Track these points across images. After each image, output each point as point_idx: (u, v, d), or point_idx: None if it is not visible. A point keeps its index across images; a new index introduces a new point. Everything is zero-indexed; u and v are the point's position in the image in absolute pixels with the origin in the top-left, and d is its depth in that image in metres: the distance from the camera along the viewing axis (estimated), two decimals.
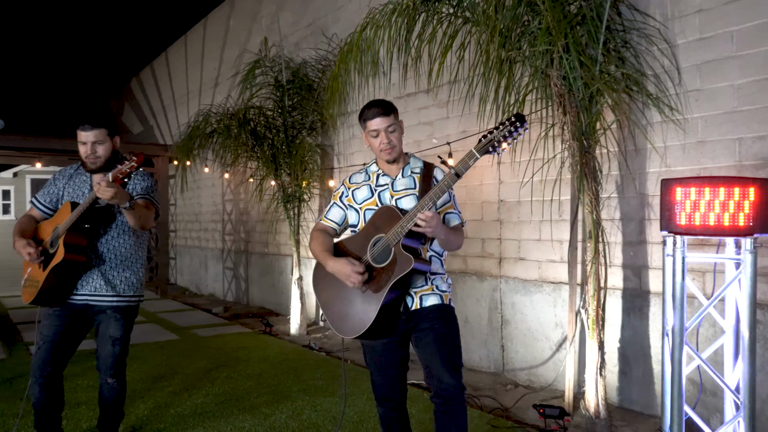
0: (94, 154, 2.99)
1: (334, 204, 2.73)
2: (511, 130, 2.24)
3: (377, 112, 2.54)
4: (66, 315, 3.02)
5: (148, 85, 14.62)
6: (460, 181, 5.34)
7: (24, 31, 14.07)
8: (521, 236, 4.87)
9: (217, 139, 6.85)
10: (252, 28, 9.32)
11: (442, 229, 2.37)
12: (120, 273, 3.10)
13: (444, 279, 2.61)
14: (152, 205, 3.10)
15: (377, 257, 2.42)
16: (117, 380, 3.13)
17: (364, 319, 2.40)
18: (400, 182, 2.59)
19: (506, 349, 4.99)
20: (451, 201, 2.63)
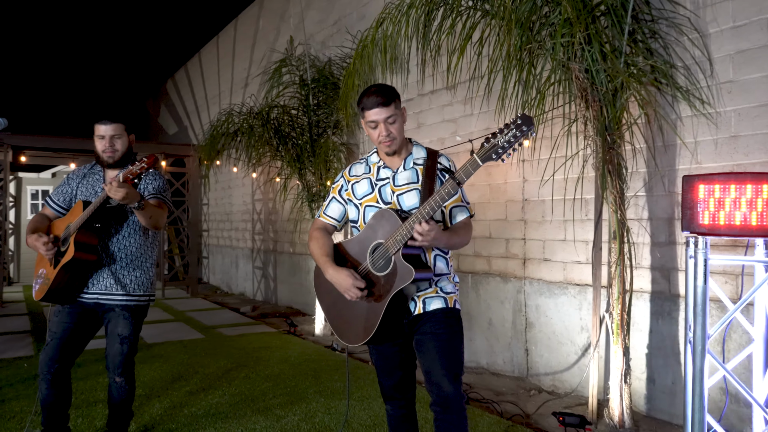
0: (113, 147, 3.05)
1: (333, 198, 2.61)
2: (516, 134, 2.03)
3: (376, 101, 2.36)
4: (76, 312, 3.04)
5: (182, 86, 14.82)
6: (484, 179, 5.26)
7: (63, 35, 14.44)
8: (546, 236, 4.70)
9: (240, 138, 6.84)
10: (280, 28, 9.32)
11: (442, 238, 2.24)
12: (130, 272, 3.11)
13: (450, 279, 2.48)
14: (164, 204, 3.12)
15: (377, 265, 2.32)
16: (125, 379, 3.13)
17: (366, 327, 2.31)
18: (401, 175, 2.45)
19: (530, 353, 4.83)
20: (459, 192, 2.43)
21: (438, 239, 2.21)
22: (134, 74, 16.56)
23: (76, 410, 3.95)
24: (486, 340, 5.23)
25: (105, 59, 15.76)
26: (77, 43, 14.89)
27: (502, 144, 2.05)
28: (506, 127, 2.05)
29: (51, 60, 14.93)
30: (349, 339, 2.38)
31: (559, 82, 3.67)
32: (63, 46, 14.75)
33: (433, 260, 2.42)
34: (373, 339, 2.31)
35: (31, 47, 14.46)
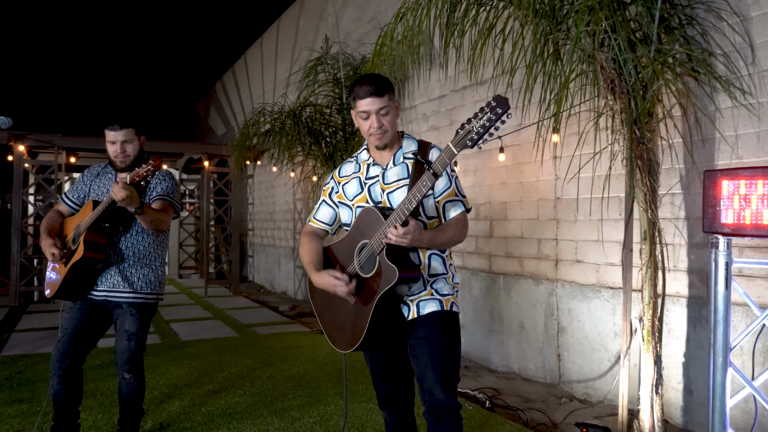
0: (124, 152, 3.08)
1: (323, 202, 2.51)
2: (491, 118, 1.87)
3: (369, 90, 2.22)
4: (86, 309, 3.09)
5: (229, 88, 15.08)
6: (516, 177, 5.07)
7: (117, 39, 14.92)
8: (578, 236, 4.48)
9: (274, 137, 6.85)
10: (319, 27, 9.32)
11: (423, 238, 2.09)
12: (138, 270, 3.14)
13: (448, 280, 2.33)
14: (170, 206, 3.13)
15: (364, 266, 2.20)
16: (133, 375, 3.15)
17: (355, 332, 2.20)
18: (391, 172, 2.32)
19: (562, 359, 4.61)
20: (452, 185, 2.30)
21: (418, 240, 2.06)
22: (185, 76, 16.96)
23: (94, 409, 4.00)
24: (518, 344, 5.04)
25: (157, 61, 16.21)
26: (130, 47, 15.37)
27: (476, 130, 1.90)
28: (480, 111, 1.90)
29: (105, 63, 15.47)
30: (341, 345, 2.28)
31: (584, 73, 3.47)
32: (117, 50, 15.25)
33: (427, 260, 2.29)
34: (363, 344, 2.19)
35: (86, 52, 15.02)
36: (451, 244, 2.26)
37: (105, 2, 13.30)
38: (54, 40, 14.18)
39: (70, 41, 14.43)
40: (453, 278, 2.37)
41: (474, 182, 5.58)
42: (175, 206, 3.18)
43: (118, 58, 15.67)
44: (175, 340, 6.32)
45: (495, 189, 5.33)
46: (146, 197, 3.13)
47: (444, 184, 2.30)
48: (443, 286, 2.31)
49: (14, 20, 13.27)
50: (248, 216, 13.17)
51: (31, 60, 14.44)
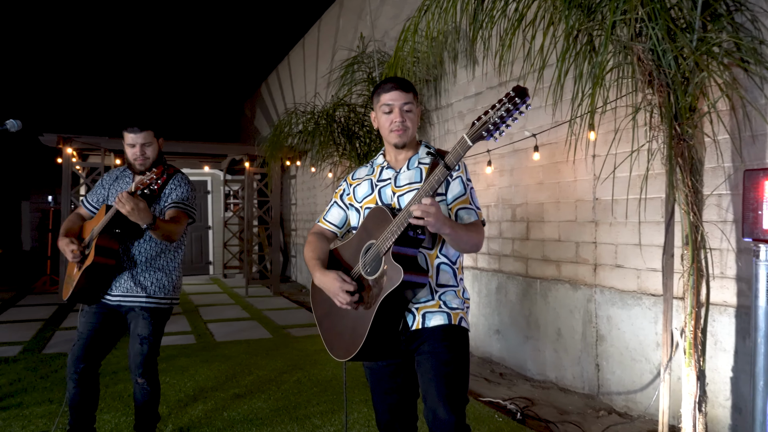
0: (144, 155, 3.05)
1: (334, 203, 2.42)
2: (509, 108, 1.76)
3: (393, 86, 2.19)
4: (101, 313, 3.07)
5: (273, 89, 15.19)
6: (553, 177, 4.84)
7: (165, 44, 15.25)
8: (618, 240, 4.22)
9: (306, 138, 6.79)
10: (357, 25, 9.23)
11: (445, 223, 1.93)
12: (151, 275, 3.11)
13: (458, 293, 2.18)
14: (185, 214, 3.08)
15: (369, 267, 2.08)
16: (147, 380, 3.11)
17: (355, 338, 2.06)
18: (404, 175, 2.22)
19: (601, 369, 4.36)
20: (467, 194, 2.17)
21: (442, 220, 1.91)
22: (233, 78, 17.20)
23: (118, 411, 4.00)
24: (555, 352, 4.80)
25: (204, 63, 16.49)
26: (178, 50, 15.69)
27: (493, 121, 1.78)
28: (499, 102, 1.78)
29: (153, 67, 15.84)
30: (338, 353, 2.15)
31: (620, 66, 3.24)
32: (165, 54, 15.59)
33: (435, 269, 2.14)
34: (361, 354, 2.04)
35: (135, 56, 15.41)
36: (469, 244, 2.08)
37: (153, 7, 13.60)
38: (103, 45, 14.62)
39: (119, 46, 14.84)
40: (464, 293, 2.22)
41: (510, 182, 5.37)
42: (190, 213, 3.14)
43: (166, 62, 16.02)
44: (210, 340, 6.33)
45: (532, 189, 5.10)
46: (161, 203, 3.09)
47: (459, 189, 2.17)
48: (452, 299, 2.16)
49: (64, 26, 13.75)
50: (291, 216, 13.22)
51: (81, 64, 14.93)
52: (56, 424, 3.57)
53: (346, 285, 2.07)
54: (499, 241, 5.57)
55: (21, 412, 3.92)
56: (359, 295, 2.08)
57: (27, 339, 6.28)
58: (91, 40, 14.37)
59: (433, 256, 2.15)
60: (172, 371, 4.98)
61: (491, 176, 5.60)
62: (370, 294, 2.04)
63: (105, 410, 3.96)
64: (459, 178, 2.18)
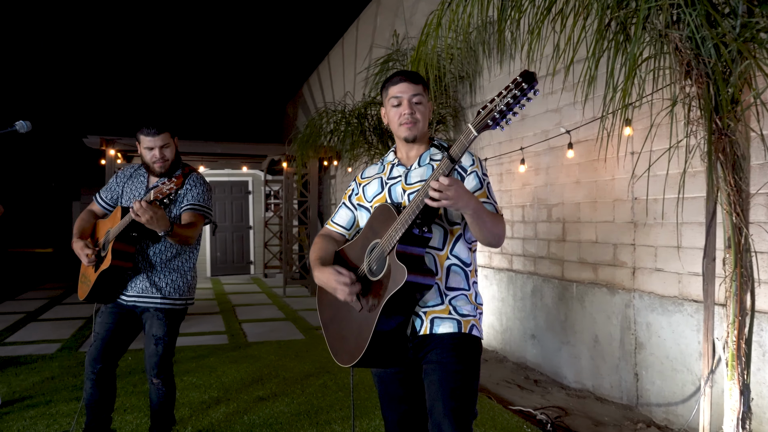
0: (163, 158, 3.01)
1: (342, 205, 2.32)
2: (516, 94, 1.64)
3: (402, 78, 2.10)
4: (117, 313, 3.06)
5: (314, 89, 15.22)
6: (590, 175, 4.62)
7: (211, 49, 15.50)
8: (658, 242, 3.97)
9: (338, 137, 6.71)
10: (394, 23, 9.12)
11: (469, 200, 1.79)
12: (166, 276, 3.08)
13: (470, 298, 2.05)
14: (201, 216, 3.04)
15: (374, 268, 1.96)
16: (162, 381, 3.08)
17: (359, 342, 1.94)
18: (415, 172, 2.10)
19: (640, 379, 4.12)
20: (483, 188, 2.04)
21: (463, 198, 1.77)
22: (275, 78, 17.35)
23: (141, 411, 3.99)
24: (592, 360, 4.58)
25: (247, 65, 16.69)
26: (222, 53, 15.92)
27: (499, 108, 1.67)
28: (505, 88, 1.67)
29: (197, 69, 16.11)
30: (342, 358, 2.04)
31: (657, 56, 3.02)
32: (210, 56, 15.84)
33: (445, 270, 2.01)
34: (366, 359, 1.92)
35: (178, 59, 15.71)
36: (491, 234, 1.92)
37: (194, 10, 13.83)
38: (148, 49, 14.96)
39: (164, 50, 15.16)
40: (476, 297, 2.08)
41: (546, 181, 5.16)
42: (206, 215, 3.09)
43: (211, 65, 16.29)
44: (242, 341, 6.32)
45: (568, 188, 4.88)
46: (177, 205, 3.05)
47: (474, 184, 2.04)
48: (463, 304, 2.02)
49: (112, 30, 14.12)
50: None
51: (126, 68, 15.30)
52: (74, 423, 3.57)
53: (342, 277, 1.95)
54: (535, 242, 5.36)
55: (48, 411, 3.96)
56: (364, 298, 1.97)
57: (66, 337, 6.41)
58: (137, 44, 14.72)
59: (444, 257, 2.02)
60: (200, 371, 4.97)
61: (526, 175, 5.40)
62: (374, 296, 1.93)
63: (129, 411, 3.97)
64: (474, 173, 2.05)
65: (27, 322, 7.41)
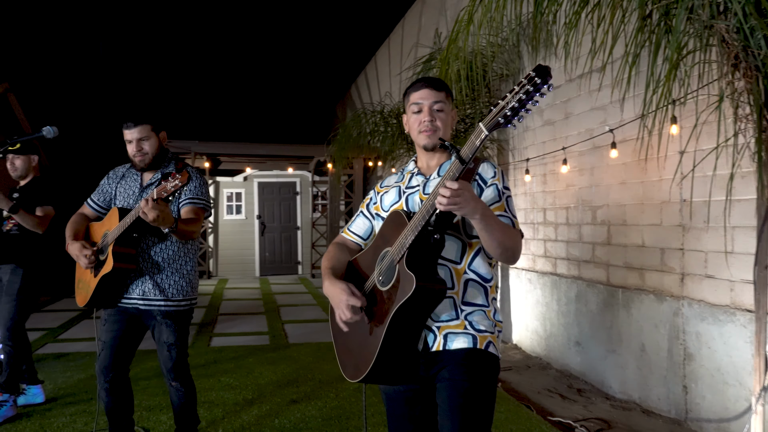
0: (141, 151, 2.94)
1: (360, 213, 2.24)
2: (528, 90, 1.55)
3: (423, 84, 2.02)
4: (122, 319, 3.00)
5: (362, 90, 15.24)
6: (638, 176, 4.41)
7: (260, 49, 15.71)
8: (708, 247, 3.73)
9: (376, 138, 6.65)
10: (439, 22, 9.00)
11: (477, 207, 1.68)
12: (169, 276, 3.00)
13: (488, 314, 1.93)
14: (201, 210, 2.95)
15: (383, 277, 1.88)
16: (180, 383, 3.08)
17: (366, 356, 1.86)
18: (434, 182, 2.00)
19: (689, 392, 3.89)
20: (502, 201, 1.92)
21: (473, 204, 1.67)
22: (325, 81, 17.45)
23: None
24: (638, 370, 4.35)
25: (298, 69, 16.84)
26: (273, 55, 16.11)
27: (512, 105, 1.57)
28: (518, 84, 1.57)
29: (246, 71, 16.36)
30: (349, 373, 1.96)
31: (701, 49, 2.82)
32: (260, 57, 16.07)
33: (462, 286, 1.90)
34: (373, 374, 1.83)
35: (230, 63, 15.99)
36: (503, 247, 1.81)
37: (244, 16, 14.06)
38: (199, 53, 15.29)
39: (213, 53, 15.45)
40: (495, 314, 1.96)
41: (590, 182, 4.95)
42: (206, 208, 2.99)
43: (261, 66, 16.51)
44: (282, 342, 6.35)
45: (613, 190, 4.66)
46: (174, 202, 2.96)
47: (492, 196, 1.92)
48: (480, 320, 1.91)
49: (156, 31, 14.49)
50: None
51: (176, 71, 15.67)
52: (96, 424, 3.60)
53: (353, 299, 1.87)
54: (579, 245, 5.15)
55: (88, 408, 4.05)
56: (370, 309, 1.89)
57: None
58: (187, 49, 15.08)
59: (461, 271, 1.91)
60: (238, 372, 5.00)
61: (570, 176, 5.20)
62: (382, 307, 1.84)
63: (164, 410, 4.01)
64: (494, 185, 1.94)
65: (81, 319, 7.66)
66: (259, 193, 13.54)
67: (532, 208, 5.96)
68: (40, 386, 4.21)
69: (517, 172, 6.26)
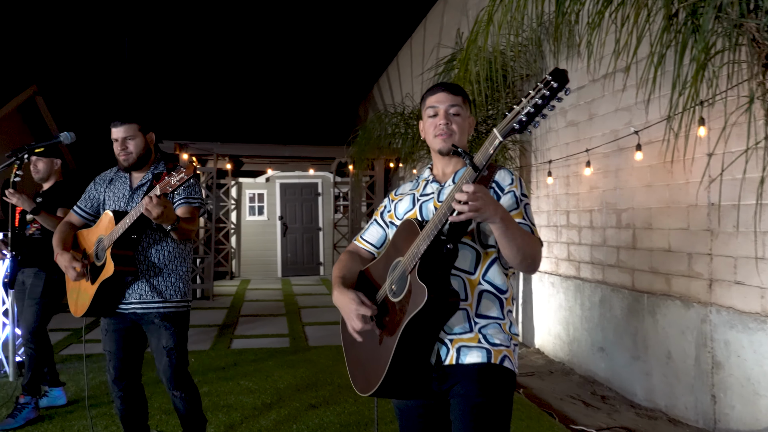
0: (125, 150, 2.89)
1: (373, 221, 2.19)
2: (545, 95, 1.49)
3: (440, 88, 1.97)
4: (122, 327, 2.93)
5: (384, 91, 15.20)
6: (663, 178, 4.30)
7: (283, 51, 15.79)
8: (738, 252, 3.61)
9: (396, 139, 6.60)
10: (461, 22, 8.91)
11: (496, 211, 1.61)
12: (165, 278, 2.92)
13: (503, 327, 1.86)
14: (197, 209, 2.89)
15: (395, 287, 1.83)
16: (182, 391, 2.97)
17: (376, 370, 1.81)
18: (449, 190, 1.92)
19: (718, 401, 3.77)
20: (520, 208, 1.85)
21: (491, 207, 1.60)
22: (347, 82, 17.47)
23: None
24: (664, 377, 4.24)
25: (321, 70, 16.90)
26: (295, 55, 16.19)
27: (527, 110, 1.52)
28: (534, 88, 1.52)
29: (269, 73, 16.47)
30: (360, 386, 1.92)
31: (730, 49, 2.72)
32: (283, 60, 16.16)
33: (476, 297, 1.84)
34: (384, 387, 1.78)
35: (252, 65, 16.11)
36: (522, 253, 1.72)
37: (267, 17, 14.14)
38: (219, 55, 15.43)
39: (234, 56, 15.58)
40: (511, 327, 1.89)
41: (615, 184, 4.84)
42: (200, 206, 2.94)
43: (284, 68, 16.60)
44: (302, 344, 6.33)
45: (639, 192, 4.55)
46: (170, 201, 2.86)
47: (510, 203, 1.86)
48: (495, 333, 1.84)
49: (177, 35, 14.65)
50: None
51: (200, 74, 15.83)
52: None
53: (363, 308, 1.82)
54: (604, 249, 5.05)
55: (108, 411, 4.06)
56: (380, 320, 1.84)
57: None
58: (209, 51, 15.22)
59: (475, 282, 1.85)
60: (257, 375, 5.00)
61: (594, 178, 5.09)
62: (394, 319, 1.79)
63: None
64: (512, 192, 1.87)
65: None
66: (281, 194, 13.57)
67: (555, 210, 5.86)
68: (62, 388, 4.25)
69: (540, 173, 6.15)
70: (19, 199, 3.63)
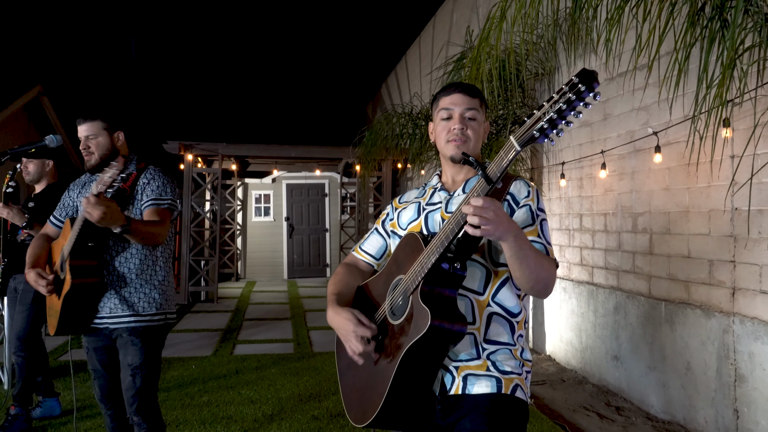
0: (87, 149, 2.66)
1: (374, 230, 2.01)
2: (570, 99, 1.30)
3: (456, 89, 1.79)
4: (103, 346, 2.69)
5: (392, 90, 15.04)
6: (683, 182, 4.12)
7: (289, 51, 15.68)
8: (763, 260, 3.43)
9: (404, 140, 6.45)
10: (471, 20, 8.74)
11: (510, 228, 1.44)
12: (137, 289, 2.63)
13: (514, 353, 1.69)
14: (166, 211, 2.62)
15: (395, 308, 1.66)
16: (143, 418, 2.60)
17: (373, 398, 1.63)
18: (458, 199, 1.77)
19: (741, 416, 3.58)
20: (535, 225, 1.68)
21: (503, 222, 1.42)
22: (355, 81, 17.33)
23: (193, 428, 3.88)
24: (683, 389, 4.06)
25: (328, 70, 16.75)
26: (302, 55, 16.07)
27: (549, 117, 1.32)
28: (558, 92, 1.32)
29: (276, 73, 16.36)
30: (354, 415, 1.73)
31: (761, 45, 2.54)
32: (290, 59, 16.04)
33: (485, 320, 1.66)
34: (381, 417, 1.60)
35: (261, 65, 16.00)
36: (535, 275, 1.55)
37: (274, 16, 14.03)
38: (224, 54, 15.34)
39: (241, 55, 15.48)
40: (523, 353, 1.71)
41: (631, 187, 4.65)
42: (171, 207, 2.66)
43: (288, 66, 16.47)
44: (307, 350, 6.18)
45: (656, 196, 4.37)
46: (136, 204, 2.65)
47: (525, 218, 1.68)
48: (506, 359, 1.67)
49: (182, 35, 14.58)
50: None
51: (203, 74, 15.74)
52: None
53: (361, 329, 1.65)
54: (618, 254, 4.86)
55: (102, 422, 3.91)
56: (380, 343, 1.67)
57: None
58: (214, 51, 15.12)
59: (484, 303, 1.67)
60: (259, 384, 4.85)
61: (609, 180, 4.91)
62: (393, 343, 1.62)
63: (183, 425, 3.88)
64: (527, 206, 1.69)
65: None
66: (288, 195, 13.45)
67: (568, 213, 5.67)
68: (56, 398, 4.11)
69: (552, 175, 5.97)
70: (10, 213, 3.49)
